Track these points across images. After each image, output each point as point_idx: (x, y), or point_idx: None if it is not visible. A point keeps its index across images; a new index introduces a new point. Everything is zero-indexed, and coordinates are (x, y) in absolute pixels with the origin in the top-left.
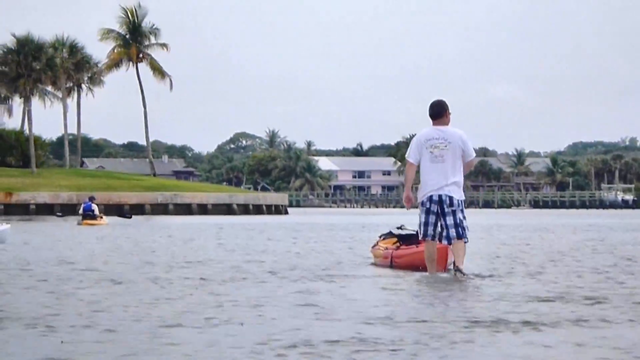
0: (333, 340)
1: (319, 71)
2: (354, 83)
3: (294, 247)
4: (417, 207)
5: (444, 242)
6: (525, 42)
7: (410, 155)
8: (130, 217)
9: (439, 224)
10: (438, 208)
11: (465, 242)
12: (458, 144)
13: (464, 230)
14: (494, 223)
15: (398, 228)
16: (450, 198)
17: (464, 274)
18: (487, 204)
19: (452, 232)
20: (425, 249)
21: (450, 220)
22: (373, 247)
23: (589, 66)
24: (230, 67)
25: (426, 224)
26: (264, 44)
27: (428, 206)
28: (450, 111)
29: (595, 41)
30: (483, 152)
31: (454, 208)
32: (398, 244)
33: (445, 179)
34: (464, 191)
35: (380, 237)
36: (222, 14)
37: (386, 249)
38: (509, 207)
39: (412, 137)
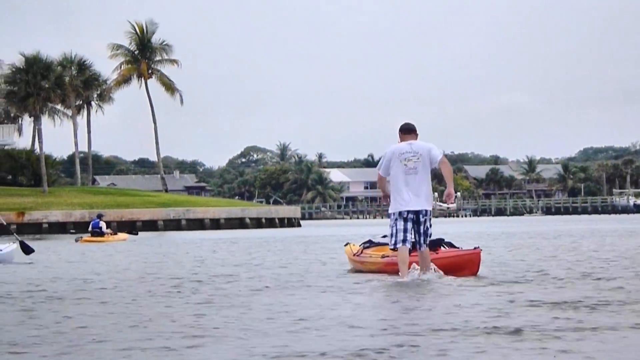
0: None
1: (329, 83)
2: (364, 94)
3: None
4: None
5: (419, 247)
6: (535, 49)
7: (382, 169)
8: (137, 234)
9: (412, 232)
10: (414, 217)
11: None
12: (426, 154)
13: (428, 238)
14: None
15: (384, 237)
16: (425, 209)
17: (424, 279)
18: (500, 212)
19: (422, 239)
20: (399, 253)
21: (422, 228)
22: (356, 254)
23: (598, 71)
24: (240, 81)
25: (403, 230)
26: (273, 57)
27: (405, 216)
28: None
29: (604, 46)
30: (494, 159)
31: (427, 217)
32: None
33: (419, 190)
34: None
35: (362, 245)
36: (231, 28)
37: (383, 256)
38: (521, 214)
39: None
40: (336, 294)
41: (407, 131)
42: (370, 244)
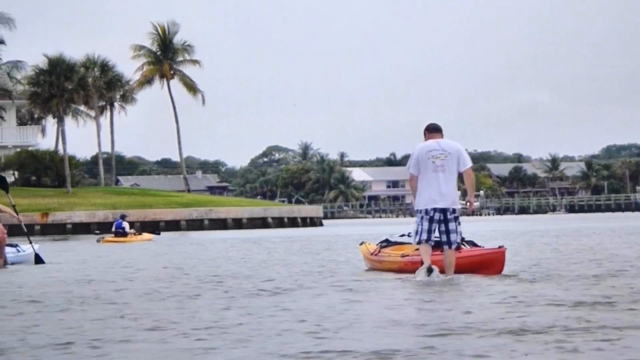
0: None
1: (350, 82)
2: (386, 93)
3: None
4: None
5: (446, 247)
6: (558, 47)
7: (412, 167)
8: (160, 234)
9: (436, 231)
10: (440, 215)
11: (455, 249)
12: (456, 154)
13: (457, 237)
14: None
15: (401, 236)
16: (453, 208)
17: (442, 277)
18: (523, 210)
19: (448, 238)
20: (421, 248)
21: (449, 227)
22: (373, 254)
23: (620, 68)
24: (261, 81)
25: (427, 231)
26: (293, 57)
27: (431, 214)
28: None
29: (628, 43)
30: (517, 158)
31: (454, 215)
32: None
33: (447, 188)
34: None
35: (379, 244)
36: (252, 29)
37: (403, 255)
38: (544, 212)
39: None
40: (353, 293)
41: (433, 130)
42: (387, 243)
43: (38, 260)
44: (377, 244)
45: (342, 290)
